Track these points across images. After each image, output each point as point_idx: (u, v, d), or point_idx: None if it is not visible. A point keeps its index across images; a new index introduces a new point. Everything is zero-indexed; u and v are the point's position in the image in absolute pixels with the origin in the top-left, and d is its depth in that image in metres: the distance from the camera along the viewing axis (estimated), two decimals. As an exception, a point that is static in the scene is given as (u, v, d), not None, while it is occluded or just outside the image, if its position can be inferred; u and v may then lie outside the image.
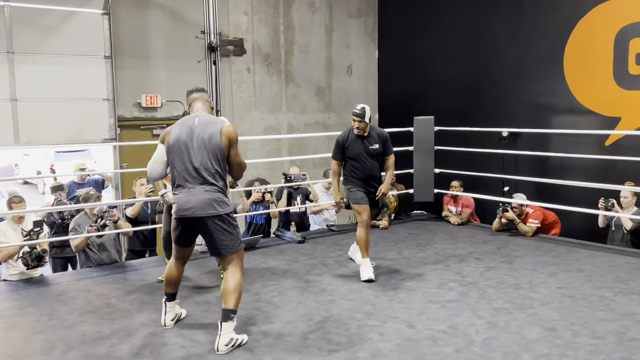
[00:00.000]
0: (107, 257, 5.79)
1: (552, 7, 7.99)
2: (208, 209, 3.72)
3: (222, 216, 3.75)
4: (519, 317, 4.20)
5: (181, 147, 3.80)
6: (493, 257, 5.86)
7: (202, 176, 3.75)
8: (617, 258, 5.73)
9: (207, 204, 3.72)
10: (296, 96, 10.08)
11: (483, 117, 8.66)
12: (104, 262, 5.77)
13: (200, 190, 3.73)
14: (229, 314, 3.72)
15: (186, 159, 3.77)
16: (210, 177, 3.76)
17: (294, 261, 5.82)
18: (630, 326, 3.98)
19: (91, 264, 5.73)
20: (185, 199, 3.75)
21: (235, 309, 3.74)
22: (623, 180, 6.59)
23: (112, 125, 8.08)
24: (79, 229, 5.63)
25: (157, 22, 8.60)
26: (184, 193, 3.77)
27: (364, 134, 5.23)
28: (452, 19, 9.31)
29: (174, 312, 4.17)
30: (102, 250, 5.77)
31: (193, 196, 3.73)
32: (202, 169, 3.75)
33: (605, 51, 7.40)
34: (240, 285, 3.78)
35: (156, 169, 4.04)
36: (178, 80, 8.82)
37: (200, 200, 3.71)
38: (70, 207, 6.22)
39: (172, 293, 4.13)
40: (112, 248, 5.86)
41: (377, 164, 5.31)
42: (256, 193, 6.64)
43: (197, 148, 3.76)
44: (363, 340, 3.84)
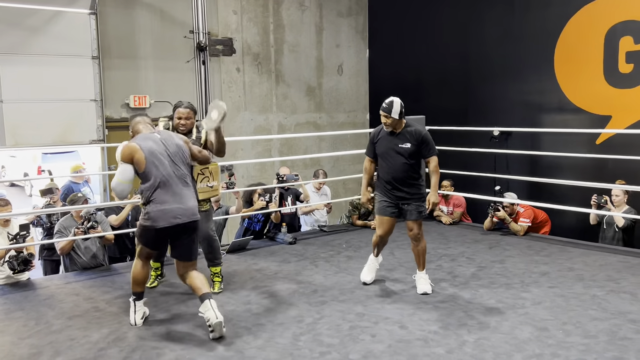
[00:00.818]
0: (92, 260, 5.71)
1: (542, 6, 8.00)
2: (196, 215, 4.06)
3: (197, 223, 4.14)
4: (510, 317, 4.18)
5: (160, 157, 3.99)
6: (485, 256, 5.85)
7: (186, 182, 4.07)
8: (609, 257, 5.73)
9: (195, 210, 4.07)
10: (286, 96, 10.04)
11: (474, 116, 8.66)
12: (89, 265, 5.69)
13: (188, 196, 4.04)
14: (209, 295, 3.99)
15: (167, 169, 3.98)
16: (189, 183, 4.11)
17: (285, 262, 5.78)
18: (622, 325, 3.98)
19: (76, 267, 5.65)
20: (177, 207, 3.96)
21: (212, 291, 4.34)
22: (614, 178, 6.60)
23: (100, 126, 7.99)
24: (65, 232, 5.55)
25: (145, 22, 8.52)
26: (174, 202, 3.96)
27: (395, 131, 4.74)
28: (443, 18, 9.30)
29: (142, 311, 4.28)
30: (88, 254, 5.69)
31: (185, 203, 3.99)
32: (184, 177, 4.08)
33: (595, 50, 7.41)
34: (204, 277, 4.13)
35: (125, 189, 4.09)
36: (167, 81, 8.75)
37: (193, 206, 4.05)
38: (55, 210, 6.14)
39: (141, 292, 4.28)
40: (98, 251, 5.78)
41: (406, 166, 4.66)
42: (260, 201, 6.54)
43: (174, 158, 4.04)
44: (355, 342, 3.81)
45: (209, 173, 4.81)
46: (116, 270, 5.66)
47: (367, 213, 7.43)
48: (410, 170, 4.67)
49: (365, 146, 5.22)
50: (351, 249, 6.27)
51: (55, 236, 5.56)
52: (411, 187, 4.67)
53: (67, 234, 5.53)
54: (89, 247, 5.70)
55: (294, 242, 6.54)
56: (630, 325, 3.97)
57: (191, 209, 4.01)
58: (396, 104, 4.66)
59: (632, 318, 4.09)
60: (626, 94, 7.15)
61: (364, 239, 6.71)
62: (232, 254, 6.13)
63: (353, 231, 7.17)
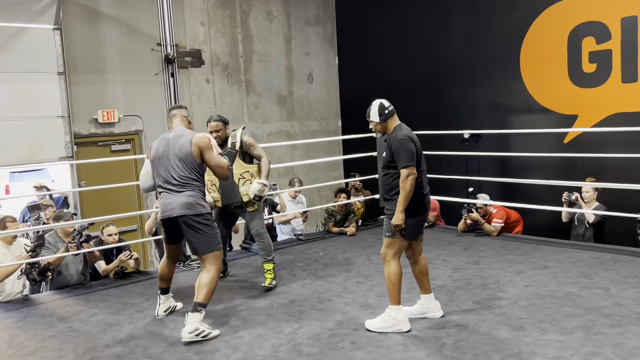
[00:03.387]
0: (72, 278, 5.60)
1: (506, 9, 8.14)
2: (184, 210, 4.16)
3: (197, 217, 4.18)
4: (488, 317, 4.22)
5: (160, 158, 4.26)
6: (460, 258, 5.89)
7: (178, 182, 4.19)
8: (581, 253, 5.83)
9: (183, 206, 4.16)
10: (258, 105, 10.01)
11: (444, 119, 8.75)
12: (69, 283, 5.57)
13: (179, 194, 4.18)
14: (197, 306, 4.07)
15: (164, 169, 4.23)
16: (185, 182, 4.20)
17: (262, 273, 5.72)
18: (596, 320, 4.04)
19: (54, 286, 5.52)
20: (168, 202, 4.21)
21: (204, 302, 4.09)
22: (582, 176, 6.72)
23: (68, 142, 7.85)
24: (52, 247, 5.44)
25: (111, 36, 8.42)
26: (165, 197, 4.23)
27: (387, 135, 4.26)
28: (410, 23, 9.39)
29: (167, 305, 4.63)
30: (68, 271, 5.58)
31: (173, 200, 4.19)
32: (177, 176, 4.19)
33: (559, 51, 7.56)
34: (212, 282, 4.14)
35: (145, 181, 4.52)
36: (135, 94, 8.65)
37: (179, 202, 4.16)
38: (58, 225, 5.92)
39: (165, 287, 4.62)
40: (82, 268, 5.67)
41: (385, 177, 4.18)
42: None
43: (172, 158, 4.21)
44: (335, 350, 3.80)
45: (249, 176, 5.17)
46: (90, 288, 5.55)
47: (342, 220, 7.44)
48: (388, 181, 4.13)
49: (337, 153, 5.19)
50: (328, 257, 6.26)
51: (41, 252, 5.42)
52: (388, 202, 4.14)
53: (54, 249, 5.43)
54: (72, 264, 5.58)
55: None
56: (604, 320, 4.04)
57: (177, 204, 4.15)
58: (374, 105, 4.21)
59: (605, 313, 4.16)
60: (591, 93, 7.30)
61: (340, 246, 6.72)
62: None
63: (329, 238, 7.17)
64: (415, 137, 4.14)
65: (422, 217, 4.17)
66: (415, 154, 4.01)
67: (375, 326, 4.07)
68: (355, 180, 7.87)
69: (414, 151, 4.00)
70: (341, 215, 7.44)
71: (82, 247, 5.44)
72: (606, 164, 6.87)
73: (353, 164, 8.62)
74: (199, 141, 4.23)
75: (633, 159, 6.27)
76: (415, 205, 4.04)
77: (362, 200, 7.81)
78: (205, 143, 4.26)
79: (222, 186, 5.17)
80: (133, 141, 8.74)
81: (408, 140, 4.02)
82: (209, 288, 4.12)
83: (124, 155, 8.56)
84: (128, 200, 8.61)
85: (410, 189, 3.94)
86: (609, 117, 7.12)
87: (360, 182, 7.89)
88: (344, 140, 10.29)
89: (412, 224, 4.04)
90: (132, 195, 8.73)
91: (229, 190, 5.17)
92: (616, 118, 7.02)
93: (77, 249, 5.39)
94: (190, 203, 4.17)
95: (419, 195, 4.07)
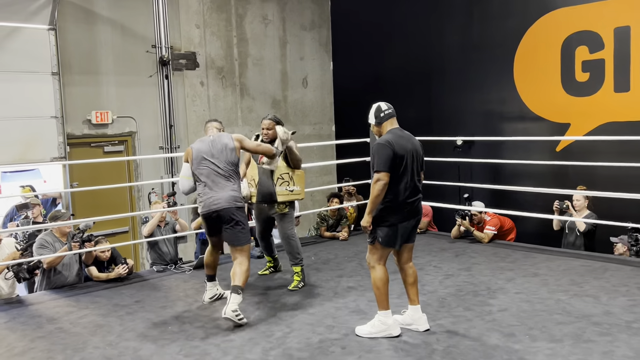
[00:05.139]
0: (69, 277, 5.57)
1: (501, 17, 8.19)
2: (230, 204, 4.55)
3: (239, 211, 4.61)
4: (478, 324, 4.23)
5: (204, 157, 4.63)
6: (451, 264, 5.91)
7: (224, 177, 4.60)
8: (572, 261, 5.85)
9: (229, 200, 4.56)
10: (252, 109, 10.01)
11: (437, 126, 8.77)
12: (65, 282, 5.55)
13: (225, 189, 4.57)
14: (237, 288, 4.39)
15: (211, 166, 4.60)
16: (229, 177, 4.62)
17: (253, 276, 5.73)
18: (586, 328, 4.06)
19: (49, 285, 5.50)
20: (215, 197, 4.56)
21: (242, 285, 4.44)
22: (574, 184, 6.76)
23: (61, 143, 7.82)
24: (49, 247, 5.42)
25: (105, 37, 8.40)
26: (210, 193, 4.58)
27: None
28: (405, 29, 9.43)
29: (212, 292, 4.98)
30: (69, 271, 5.56)
31: (219, 195, 4.56)
32: (222, 172, 4.60)
33: (553, 59, 7.61)
34: (248, 271, 4.54)
35: (184, 184, 4.81)
36: (129, 96, 8.64)
37: (226, 197, 4.55)
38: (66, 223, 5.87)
39: (211, 275, 4.98)
40: (77, 268, 5.65)
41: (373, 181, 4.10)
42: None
43: (216, 155, 4.61)
44: (325, 355, 3.80)
45: (289, 178, 5.30)
46: (81, 289, 5.52)
47: (335, 224, 7.44)
48: None
49: (331, 158, 5.23)
50: (320, 261, 6.26)
51: (38, 251, 5.39)
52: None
53: (52, 249, 5.41)
54: (69, 263, 5.57)
55: (262, 256, 6.48)
56: (594, 328, 4.06)
57: (225, 199, 4.54)
58: (372, 108, 4.20)
59: (595, 321, 4.18)
60: (583, 102, 7.35)
61: (332, 250, 6.72)
62: (199, 269, 6.05)
63: (321, 243, 7.17)
64: (404, 142, 4.02)
65: (403, 225, 4.01)
66: (391, 159, 3.90)
67: (366, 332, 4.06)
68: (348, 185, 7.88)
69: (389, 156, 3.91)
70: (333, 219, 7.44)
71: (84, 246, 5.44)
72: (598, 173, 6.91)
73: (346, 169, 8.63)
74: (237, 136, 4.75)
75: (624, 168, 6.32)
76: (393, 213, 3.97)
77: (354, 205, 7.82)
78: (241, 137, 4.79)
79: (260, 183, 5.30)
80: (126, 143, 8.71)
81: (385, 145, 3.95)
82: (247, 276, 4.53)
83: (117, 156, 8.53)
84: (120, 202, 8.58)
85: (377, 194, 3.89)
86: (601, 126, 7.17)
87: (354, 187, 7.90)
88: (338, 144, 10.32)
89: (390, 232, 3.98)
90: (124, 197, 8.70)
91: (266, 188, 5.27)
92: (608, 127, 7.07)
93: (80, 248, 5.39)
94: (235, 197, 4.61)
95: (398, 203, 3.97)
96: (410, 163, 4.02)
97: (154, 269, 6.17)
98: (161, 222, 6.41)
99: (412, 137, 4.19)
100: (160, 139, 8.96)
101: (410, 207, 4.03)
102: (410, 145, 4.07)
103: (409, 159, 4.01)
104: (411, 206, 4.04)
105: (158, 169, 8.98)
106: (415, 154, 4.09)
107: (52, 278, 5.51)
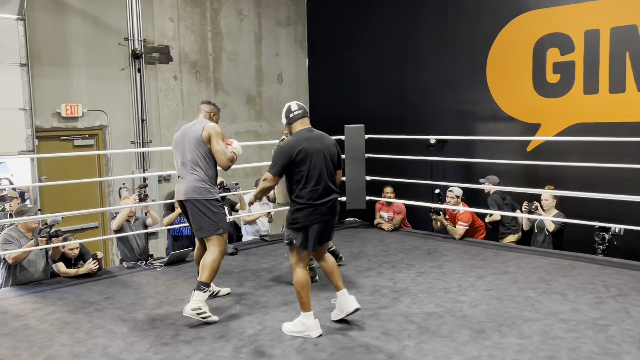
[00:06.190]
0: (35, 274, 5.45)
1: (474, 18, 8.27)
2: (189, 195, 4.47)
3: (201, 201, 4.46)
4: (449, 320, 4.27)
5: (177, 145, 4.63)
6: (424, 262, 5.95)
7: (190, 166, 4.49)
8: (541, 259, 5.95)
9: (188, 191, 4.47)
10: (226, 104, 9.93)
11: (411, 124, 8.83)
12: (31, 279, 5.42)
13: (187, 179, 4.49)
14: (200, 285, 4.29)
15: (179, 155, 4.59)
16: (194, 167, 4.48)
17: (226, 274, 5.69)
18: (554, 325, 4.13)
19: (15, 282, 5.37)
20: (178, 186, 4.58)
21: (207, 282, 4.31)
22: (544, 184, 6.88)
23: (30, 136, 7.64)
24: (14, 242, 5.29)
25: (77, 29, 8.24)
26: (178, 182, 4.58)
27: None
28: (379, 28, 9.46)
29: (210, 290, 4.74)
30: (35, 267, 5.43)
31: (181, 185, 4.53)
32: (188, 161, 4.50)
33: (524, 61, 7.72)
34: (214, 263, 4.36)
35: None
36: (100, 89, 8.49)
37: (184, 187, 4.49)
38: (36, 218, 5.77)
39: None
40: (44, 264, 5.53)
41: None
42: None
43: (186, 144, 4.52)
44: (297, 352, 3.79)
45: None
46: (49, 285, 5.41)
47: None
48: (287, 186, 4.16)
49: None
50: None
51: (3, 246, 5.26)
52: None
53: (17, 244, 5.28)
54: (35, 260, 5.44)
55: (235, 253, 6.46)
56: (561, 324, 4.14)
57: (183, 190, 4.49)
58: (284, 107, 4.26)
59: (563, 318, 4.26)
60: (554, 103, 7.47)
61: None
62: (170, 266, 5.99)
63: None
64: (311, 143, 4.03)
65: (315, 228, 4.02)
66: (284, 166, 3.97)
67: (288, 329, 4.10)
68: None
69: (283, 164, 3.98)
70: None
71: (51, 242, 5.31)
72: (566, 173, 7.04)
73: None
74: (210, 127, 4.51)
75: (592, 169, 6.45)
76: (303, 215, 3.99)
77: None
78: (216, 131, 4.49)
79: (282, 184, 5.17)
80: (97, 136, 8.57)
81: (284, 151, 4.01)
82: (212, 268, 4.34)
83: (88, 150, 8.38)
84: (90, 197, 8.44)
85: (261, 190, 4.20)
86: (570, 126, 7.31)
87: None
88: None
89: (302, 235, 4.00)
90: (94, 192, 8.56)
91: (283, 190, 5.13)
92: (577, 128, 7.21)
93: (47, 243, 5.27)
94: (196, 187, 4.45)
95: (308, 205, 3.98)
96: (321, 163, 4.03)
97: (124, 265, 6.08)
98: (131, 217, 6.32)
99: (325, 137, 4.21)
100: (131, 134, 8.83)
101: (322, 209, 4.05)
102: (320, 145, 4.08)
103: (317, 159, 4.02)
104: (324, 207, 4.05)
105: (129, 163, 8.84)
106: (328, 153, 4.11)
107: (18, 274, 5.38)
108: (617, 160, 6.34)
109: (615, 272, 5.39)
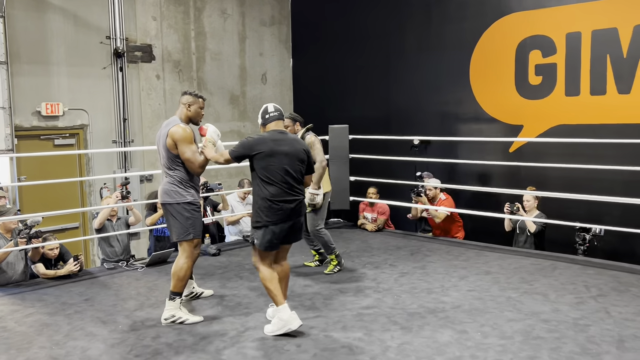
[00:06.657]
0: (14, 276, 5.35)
1: (457, 19, 8.30)
2: (161, 198, 4.42)
3: (173, 205, 4.37)
4: (431, 320, 4.28)
5: (157, 145, 4.52)
6: (407, 262, 5.96)
7: (164, 170, 4.45)
8: (522, 260, 5.99)
9: (163, 193, 4.41)
10: (209, 104, 9.86)
11: (395, 125, 8.85)
12: (10, 281, 5.32)
13: (163, 181, 4.44)
14: (170, 295, 4.34)
15: (159, 155, 4.49)
16: (166, 171, 4.42)
17: (209, 275, 5.65)
18: (535, 325, 4.16)
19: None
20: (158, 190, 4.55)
21: (176, 291, 4.32)
22: (526, 184, 6.93)
23: (9, 135, 7.52)
24: None
25: (57, 26, 8.13)
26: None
27: None
28: (364, 28, 9.47)
29: (188, 290, 4.77)
30: (14, 269, 5.33)
31: (160, 187, 4.49)
32: (162, 165, 4.45)
33: (507, 62, 7.76)
34: (181, 270, 4.31)
35: None
36: (82, 88, 8.38)
37: (160, 190, 4.45)
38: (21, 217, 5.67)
39: None
40: (24, 266, 5.43)
41: None
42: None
43: (160, 147, 4.44)
44: (280, 353, 3.77)
45: None
46: (27, 286, 5.32)
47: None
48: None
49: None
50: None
51: None
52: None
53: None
54: (14, 262, 5.34)
55: (218, 254, 6.42)
56: (542, 324, 4.16)
57: (159, 193, 4.45)
58: (261, 108, 4.34)
59: (544, 318, 4.29)
60: (536, 105, 7.53)
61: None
62: (152, 267, 5.93)
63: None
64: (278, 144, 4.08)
65: (277, 227, 4.06)
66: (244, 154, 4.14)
67: (269, 330, 4.09)
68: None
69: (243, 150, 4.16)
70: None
71: (31, 243, 5.22)
72: (548, 174, 7.10)
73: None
74: (173, 133, 4.32)
75: (573, 170, 6.52)
76: (265, 214, 4.05)
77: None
78: (180, 135, 4.30)
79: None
80: (78, 136, 8.46)
81: (248, 140, 4.18)
82: (178, 276, 4.31)
83: (68, 149, 8.27)
84: (71, 197, 8.33)
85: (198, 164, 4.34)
86: (552, 128, 7.37)
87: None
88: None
89: (264, 234, 4.06)
90: (74, 192, 8.45)
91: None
92: (559, 129, 7.27)
93: (26, 244, 5.18)
94: (168, 190, 4.37)
95: (270, 204, 4.04)
96: (287, 165, 4.09)
97: (105, 266, 6.02)
98: (112, 216, 6.25)
99: (296, 142, 4.25)
100: (113, 133, 8.74)
101: (285, 210, 4.08)
102: (287, 148, 4.13)
103: (282, 160, 4.08)
104: (286, 208, 4.09)
105: (111, 163, 8.75)
106: (296, 157, 4.15)
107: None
108: (597, 161, 6.41)
109: (596, 273, 5.44)
